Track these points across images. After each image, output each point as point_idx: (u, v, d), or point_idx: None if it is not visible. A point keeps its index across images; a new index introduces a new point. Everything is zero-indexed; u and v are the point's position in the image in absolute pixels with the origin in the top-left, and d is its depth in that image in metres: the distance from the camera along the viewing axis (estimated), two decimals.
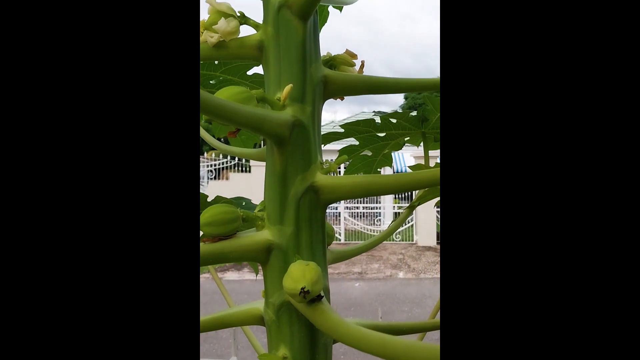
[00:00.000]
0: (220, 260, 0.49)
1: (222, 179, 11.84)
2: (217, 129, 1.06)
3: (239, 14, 0.52)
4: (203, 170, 11.84)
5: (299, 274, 0.43)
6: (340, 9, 0.80)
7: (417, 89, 0.64)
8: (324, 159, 0.53)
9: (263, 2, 0.52)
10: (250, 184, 10.68)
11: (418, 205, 0.88)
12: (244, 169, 11.97)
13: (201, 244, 0.48)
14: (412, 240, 10.79)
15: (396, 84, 0.59)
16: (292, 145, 0.49)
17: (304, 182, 0.49)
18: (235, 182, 10.88)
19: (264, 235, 0.49)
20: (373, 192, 0.49)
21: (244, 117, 0.44)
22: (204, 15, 0.53)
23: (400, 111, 0.97)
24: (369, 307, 5.99)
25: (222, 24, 0.50)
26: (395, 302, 6.31)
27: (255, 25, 0.52)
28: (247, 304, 0.53)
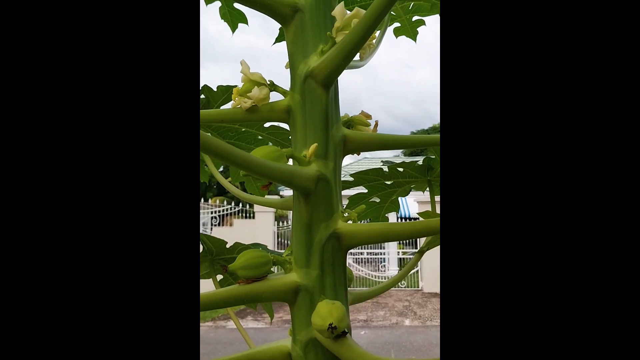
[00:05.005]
0: (254, 300, 0.54)
1: (226, 225, 11.87)
2: (235, 176, 1.13)
3: (269, 82, 0.60)
4: (206, 217, 11.88)
5: (327, 311, 0.48)
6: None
7: (422, 145, 0.72)
8: None
9: (290, 72, 0.60)
10: (254, 230, 10.70)
11: (427, 249, 0.93)
12: (247, 215, 12.02)
13: (236, 285, 0.54)
14: (418, 287, 10.65)
15: (404, 140, 0.67)
16: (317, 197, 0.55)
17: (327, 230, 0.55)
18: (239, 228, 10.91)
19: (292, 277, 0.55)
20: (389, 238, 0.55)
21: (278, 173, 0.51)
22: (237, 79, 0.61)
23: (403, 156, 1.04)
24: None
25: (256, 91, 0.58)
26: (402, 350, 6.18)
27: (283, 92, 0.60)
28: (275, 342, 0.58)
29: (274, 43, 1.03)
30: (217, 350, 5.91)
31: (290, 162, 0.58)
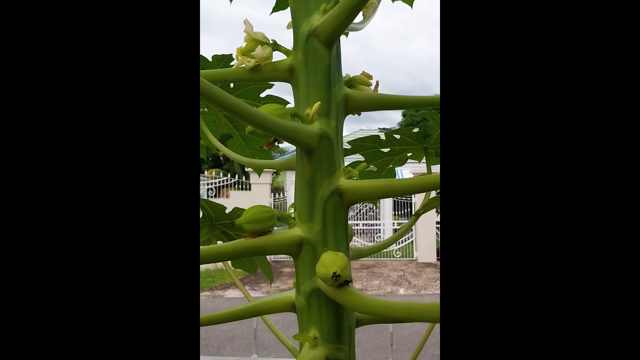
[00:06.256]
0: (259, 252, 0.56)
1: (222, 196, 11.91)
2: (232, 146, 1.15)
3: (271, 42, 0.61)
4: (203, 189, 11.91)
5: (331, 261, 0.50)
6: (347, 34, 0.89)
7: (423, 105, 0.73)
8: None
9: (293, 31, 0.60)
10: (250, 202, 10.71)
11: (423, 212, 0.95)
12: (244, 187, 12.05)
13: (243, 239, 0.56)
14: (412, 257, 10.81)
15: (405, 100, 0.68)
16: (320, 154, 0.57)
17: (329, 186, 0.57)
18: (235, 199, 10.95)
19: (295, 231, 0.57)
20: (390, 193, 0.57)
21: (283, 129, 0.52)
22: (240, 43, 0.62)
23: (399, 128, 1.05)
24: (372, 325, 6.00)
25: (259, 50, 0.58)
26: None
27: (285, 52, 0.61)
28: (280, 294, 0.61)
29: (272, 12, 1.02)
30: None
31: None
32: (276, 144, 0.62)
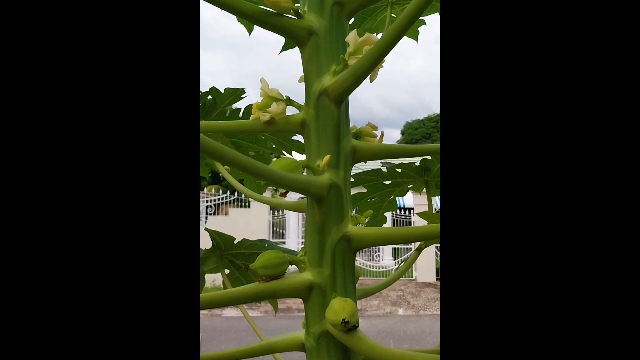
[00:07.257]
0: (272, 296, 0.60)
1: (222, 214, 11.92)
2: (235, 172, 1.19)
3: (285, 98, 0.65)
4: (202, 206, 11.92)
5: (340, 307, 0.54)
6: None
7: (423, 154, 0.78)
8: None
9: (305, 88, 0.65)
10: (249, 219, 10.76)
11: (425, 247, 0.99)
12: (243, 204, 12.07)
13: (256, 283, 0.60)
14: (412, 277, 10.79)
15: (406, 150, 0.73)
16: (329, 203, 0.61)
17: (338, 232, 0.61)
18: (234, 217, 10.97)
19: (306, 276, 0.61)
20: (395, 241, 0.62)
21: (295, 183, 0.57)
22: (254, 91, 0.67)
23: (401, 163, 1.10)
24: None
25: (274, 107, 0.63)
26: (396, 339, 6.30)
27: (298, 107, 0.66)
28: (290, 334, 0.64)
29: (281, 51, 1.08)
30: (213, 337, 6.02)
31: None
32: None
